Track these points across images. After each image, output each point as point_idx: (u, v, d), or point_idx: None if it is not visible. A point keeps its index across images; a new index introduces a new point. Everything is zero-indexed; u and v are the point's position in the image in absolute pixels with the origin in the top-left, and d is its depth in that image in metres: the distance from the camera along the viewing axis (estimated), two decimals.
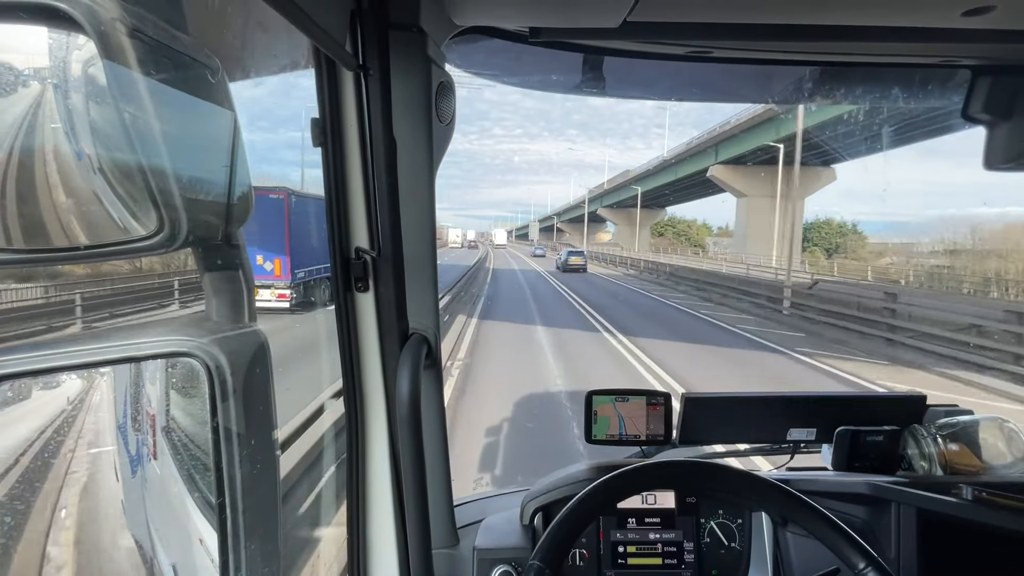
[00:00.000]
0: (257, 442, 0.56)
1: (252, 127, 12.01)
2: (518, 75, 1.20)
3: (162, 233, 0.46)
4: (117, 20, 0.42)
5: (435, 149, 0.90)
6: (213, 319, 0.58)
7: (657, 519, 1.18)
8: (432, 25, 0.86)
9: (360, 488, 0.99)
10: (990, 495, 1.00)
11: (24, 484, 0.58)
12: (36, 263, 0.47)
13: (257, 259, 10.97)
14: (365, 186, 0.86)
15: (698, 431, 1.29)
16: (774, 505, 0.92)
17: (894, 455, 1.27)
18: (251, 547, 0.55)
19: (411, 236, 0.91)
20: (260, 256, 11.48)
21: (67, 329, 8.77)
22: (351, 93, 0.83)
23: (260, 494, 0.56)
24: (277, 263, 11.83)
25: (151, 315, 10.62)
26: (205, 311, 0.59)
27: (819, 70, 1.11)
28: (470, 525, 1.19)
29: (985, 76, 1.00)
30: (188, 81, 0.49)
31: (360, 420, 0.97)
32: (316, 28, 0.64)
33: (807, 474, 1.23)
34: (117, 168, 0.44)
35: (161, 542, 0.66)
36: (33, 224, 0.45)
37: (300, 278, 12.31)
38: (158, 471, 0.67)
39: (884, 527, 1.09)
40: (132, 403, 0.66)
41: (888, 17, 0.83)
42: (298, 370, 5.21)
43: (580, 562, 1.16)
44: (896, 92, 1.22)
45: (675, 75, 1.15)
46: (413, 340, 0.92)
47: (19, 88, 0.43)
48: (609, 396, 1.25)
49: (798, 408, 1.30)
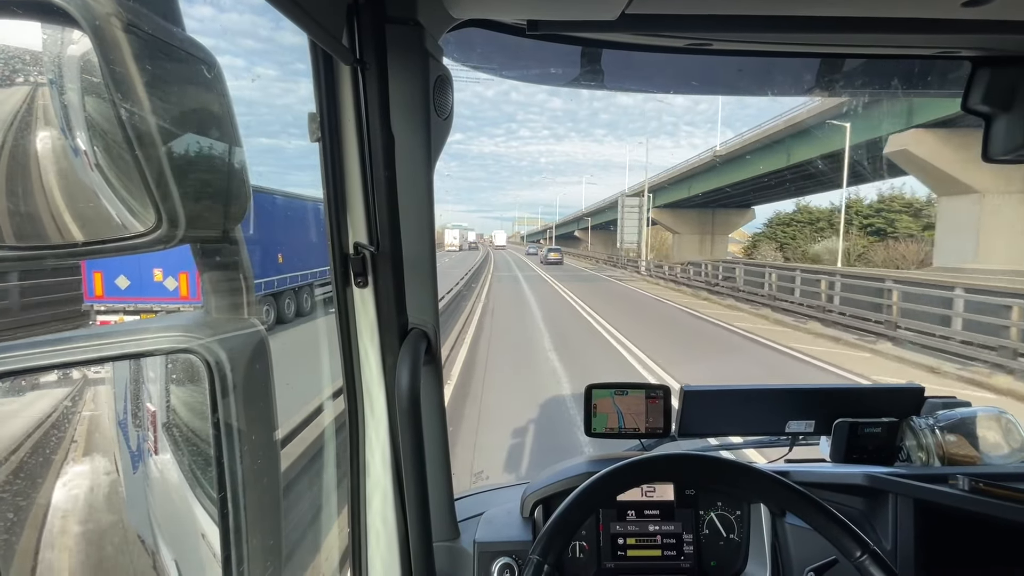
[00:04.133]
0: (258, 438, 0.56)
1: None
2: (516, 68, 1.20)
3: (160, 229, 0.46)
4: (112, 15, 0.42)
5: (433, 143, 0.90)
6: (213, 316, 0.58)
7: (656, 511, 1.18)
8: (429, 18, 0.85)
9: (361, 482, 0.99)
10: (987, 486, 1.01)
11: (25, 480, 0.58)
12: (33, 260, 0.47)
13: (154, 273, 8.76)
14: (363, 181, 0.86)
15: (697, 424, 1.29)
16: (770, 496, 0.92)
17: (892, 447, 1.28)
18: (253, 541, 0.55)
19: (410, 231, 0.91)
20: (158, 269, 8.73)
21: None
22: (348, 88, 0.82)
23: (261, 489, 0.56)
24: (183, 279, 8.81)
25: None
26: (205, 308, 0.59)
27: (819, 62, 1.10)
28: (471, 518, 1.20)
29: (985, 67, 1.00)
30: (184, 76, 0.49)
31: (360, 415, 0.97)
32: (312, 23, 0.64)
33: (805, 466, 1.24)
34: (114, 164, 0.44)
35: (163, 537, 0.66)
36: (29, 221, 0.45)
37: None
38: (159, 467, 0.67)
39: (882, 518, 1.09)
40: (133, 399, 0.66)
41: (888, 8, 0.83)
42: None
43: (580, 554, 1.17)
44: (896, 83, 1.22)
45: (674, 68, 1.15)
46: (413, 335, 0.92)
47: (14, 84, 0.43)
48: (608, 390, 1.25)
49: (796, 400, 1.30)
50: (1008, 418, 1.26)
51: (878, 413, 1.28)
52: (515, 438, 5.63)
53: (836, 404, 1.29)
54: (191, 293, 8.90)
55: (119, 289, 8.93)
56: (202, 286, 0.59)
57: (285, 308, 11.92)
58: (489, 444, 5.41)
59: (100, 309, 9.02)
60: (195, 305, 7.94)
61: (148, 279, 8.88)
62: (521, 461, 5.10)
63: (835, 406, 1.29)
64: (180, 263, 8.70)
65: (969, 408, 1.31)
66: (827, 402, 1.30)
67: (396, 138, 0.86)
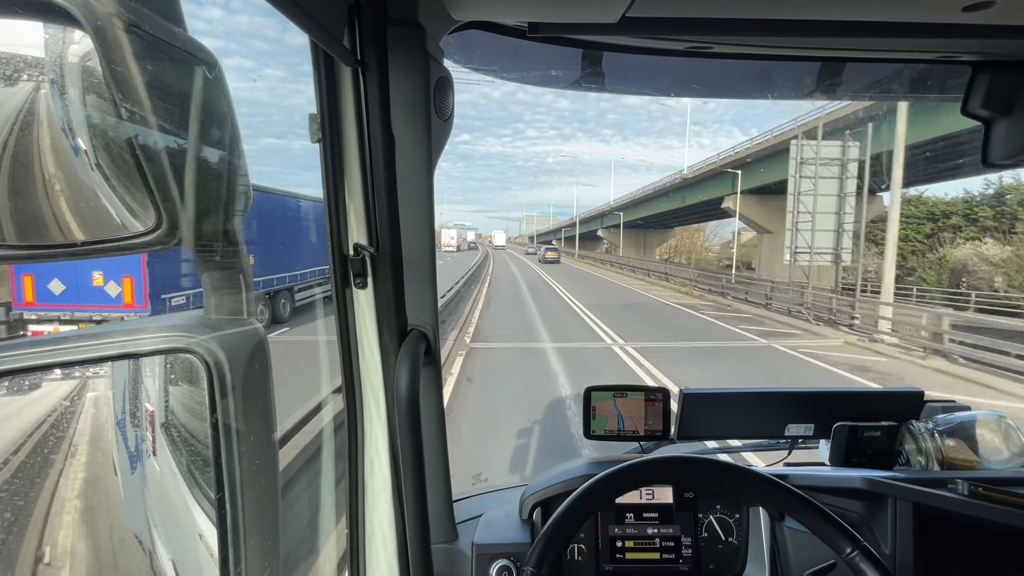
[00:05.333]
0: (256, 438, 0.56)
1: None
2: (517, 70, 1.20)
3: (160, 229, 0.46)
4: (114, 15, 0.42)
5: (434, 145, 0.90)
6: (212, 315, 0.58)
7: (655, 514, 1.18)
8: (430, 20, 0.85)
9: (359, 483, 0.99)
10: (986, 490, 1.01)
11: (23, 480, 0.58)
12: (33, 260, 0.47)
13: (93, 277, 7.63)
14: (363, 182, 0.86)
15: (696, 426, 1.29)
16: (766, 497, 0.93)
17: (891, 450, 1.28)
18: (251, 542, 0.55)
19: (410, 232, 0.91)
20: (98, 272, 7.63)
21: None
22: (349, 89, 0.82)
23: (260, 489, 0.56)
24: (127, 284, 7.62)
25: None
26: (204, 307, 0.59)
27: (819, 65, 1.10)
28: (469, 520, 1.20)
29: (985, 71, 1.00)
30: (185, 76, 0.49)
31: (359, 416, 0.97)
32: (313, 24, 0.64)
33: (804, 469, 1.24)
34: (114, 164, 0.44)
35: (161, 538, 0.66)
36: (30, 220, 0.45)
37: (179, 307, 8.26)
38: (157, 467, 0.67)
39: (881, 522, 1.09)
40: (131, 399, 0.66)
41: (888, 12, 0.83)
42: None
43: (579, 557, 1.16)
44: (896, 87, 1.22)
45: (675, 71, 1.15)
46: (412, 336, 0.92)
47: (16, 83, 0.43)
48: (608, 392, 1.25)
49: (796, 403, 1.30)
50: (1007, 423, 1.26)
51: (878, 417, 1.28)
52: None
53: (836, 407, 1.29)
54: (136, 300, 7.64)
55: (53, 295, 7.75)
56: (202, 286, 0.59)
57: (257, 316, 10.85)
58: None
59: (31, 318, 7.77)
60: (141, 314, 7.39)
61: (86, 284, 7.71)
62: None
63: (835, 409, 1.29)
64: (124, 266, 7.51)
65: (968, 412, 1.31)
66: (827, 405, 1.30)
67: (396, 139, 0.86)
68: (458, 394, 7.48)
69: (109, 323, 3.74)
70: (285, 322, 11.79)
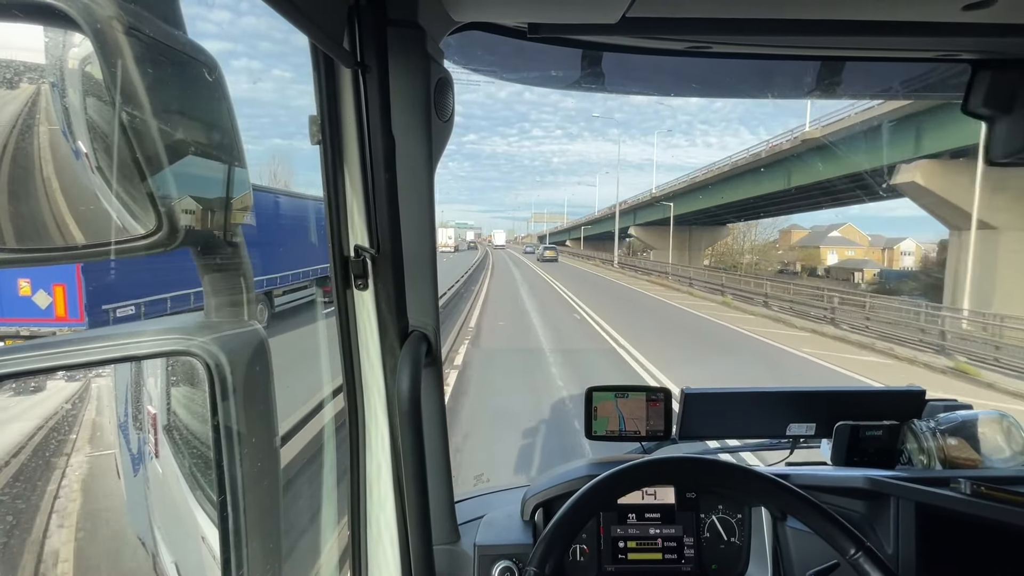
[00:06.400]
0: (258, 440, 0.56)
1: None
2: (517, 71, 1.20)
3: (160, 232, 0.46)
4: (114, 18, 0.42)
5: (434, 146, 0.90)
6: (212, 318, 0.59)
7: (657, 514, 1.18)
8: (430, 21, 0.85)
9: (361, 484, 0.99)
10: (988, 489, 1.01)
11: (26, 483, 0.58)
12: (34, 263, 0.47)
13: (19, 286, 6.41)
14: (364, 184, 0.86)
15: (698, 426, 1.29)
16: (768, 497, 0.92)
17: (893, 450, 1.28)
18: (252, 544, 0.55)
19: (410, 234, 0.91)
20: (24, 280, 6.39)
21: None
22: (349, 90, 0.82)
23: (261, 491, 0.56)
24: (59, 293, 6.47)
25: None
26: (205, 310, 0.59)
27: (819, 65, 1.10)
28: (471, 521, 1.20)
29: (985, 70, 1.00)
30: (185, 79, 0.49)
31: (361, 417, 0.97)
32: (314, 26, 0.64)
33: (806, 469, 1.24)
34: (115, 167, 0.44)
35: (163, 540, 0.66)
36: (30, 223, 0.45)
37: (126, 317, 6.98)
38: (160, 469, 0.67)
39: (883, 521, 1.09)
40: (133, 402, 0.66)
41: (888, 11, 0.83)
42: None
43: (581, 557, 1.16)
44: (896, 86, 1.22)
45: (675, 70, 1.15)
46: (413, 337, 0.92)
47: (16, 87, 0.43)
48: (609, 393, 1.25)
49: (797, 403, 1.30)
50: (1010, 421, 1.26)
51: (879, 416, 1.28)
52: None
53: (837, 407, 1.29)
54: (70, 312, 6.47)
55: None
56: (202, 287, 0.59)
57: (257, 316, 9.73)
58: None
59: None
60: (75, 327, 6.37)
61: (11, 294, 6.52)
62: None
63: (836, 409, 1.29)
64: (55, 273, 6.41)
65: (970, 411, 1.31)
66: (828, 405, 1.30)
67: (397, 141, 0.86)
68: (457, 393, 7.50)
69: (110, 326, 3.71)
70: (264, 328, 11.20)
